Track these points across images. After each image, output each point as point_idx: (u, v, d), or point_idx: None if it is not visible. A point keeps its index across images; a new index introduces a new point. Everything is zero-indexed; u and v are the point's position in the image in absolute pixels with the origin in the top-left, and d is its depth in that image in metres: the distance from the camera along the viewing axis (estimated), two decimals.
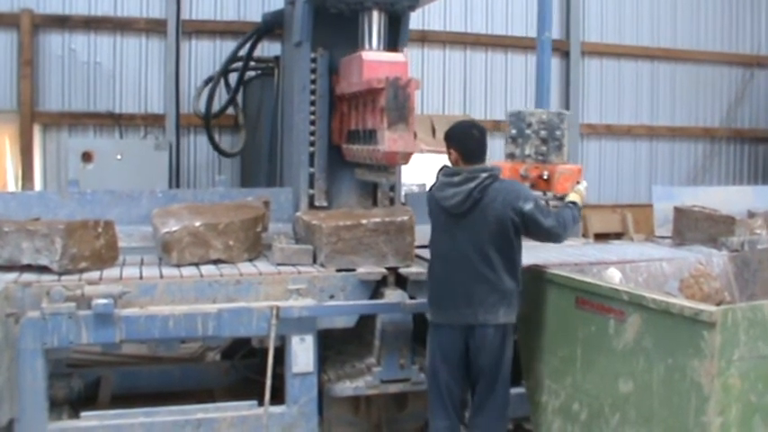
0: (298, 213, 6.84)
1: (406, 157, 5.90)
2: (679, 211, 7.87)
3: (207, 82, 10.46)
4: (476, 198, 4.93)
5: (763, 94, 14.64)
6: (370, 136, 6.22)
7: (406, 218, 6.08)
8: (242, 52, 9.95)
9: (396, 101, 5.76)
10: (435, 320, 5.19)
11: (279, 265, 6.04)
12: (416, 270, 5.99)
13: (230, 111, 10.56)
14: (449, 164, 5.22)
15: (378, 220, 6.04)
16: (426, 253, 6.23)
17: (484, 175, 4.96)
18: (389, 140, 5.76)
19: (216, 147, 10.47)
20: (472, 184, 4.93)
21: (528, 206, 4.92)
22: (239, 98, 10.55)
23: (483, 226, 4.94)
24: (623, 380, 4.41)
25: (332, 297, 5.81)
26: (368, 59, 6.26)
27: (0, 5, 10.59)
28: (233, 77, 10.26)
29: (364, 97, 6.31)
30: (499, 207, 4.92)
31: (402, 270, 6.01)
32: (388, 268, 5.99)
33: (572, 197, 5.40)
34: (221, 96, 10.38)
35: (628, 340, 4.37)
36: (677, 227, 7.79)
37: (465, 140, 5.13)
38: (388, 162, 5.93)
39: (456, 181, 5.00)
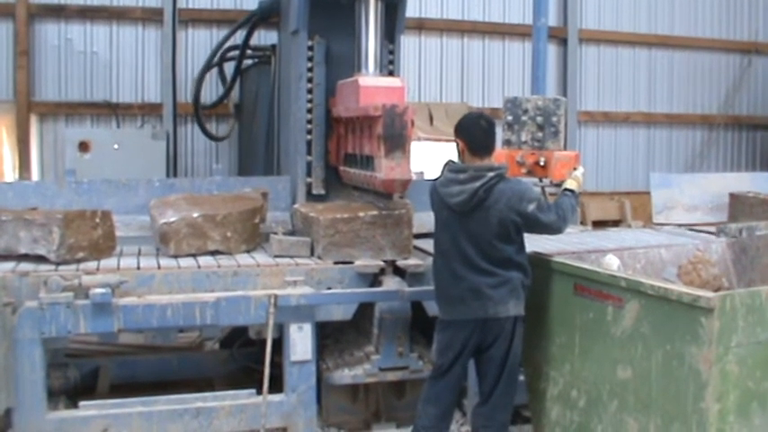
0: (295, 205, 6.83)
1: (403, 185, 5.86)
2: (734, 197, 7.91)
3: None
4: (481, 198, 4.86)
5: (761, 80, 14.62)
6: (367, 162, 6.21)
7: (403, 211, 6.07)
8: (237, 41, 9.96)
9: (392, 129, 5.72)
10: (445, 317, 5.12)
11: (276, 256, 6.03)
12: (414, 262, 5.98)
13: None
14: (454, 159, 5.18)
15: (375, 212, 6.03)
16: (424, 244, 6.24)
17: (490, 174, 4.88)
18: (387, 168, 5.73)
19: (204, 130, 10.50)
20: (478, 183, 4.85)
21: (530, 207, 4.87)
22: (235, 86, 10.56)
23: (485, 225, 4.89)
24: (621, 366, 4.41)
25: (329, 289, 5.80)
26: (364, 85, 6.25)
27: None
28: (229, 66, 10.27)
29: (361, 123, 6.29)
30: (503, 208, 4.86)
31: (400, 262, 6.00)
32: (385, 261, 5.98)
33: (569, 184, 5.35)
34: (216, 84, 10.41)
35: (626, 327, 4.37)
36: (732, 212, 7.82)
37: (472, 131, 5.05)
38: (386, 190, 5.90)
39: (462, 178, 4.92)
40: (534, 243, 5.81)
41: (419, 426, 5.17)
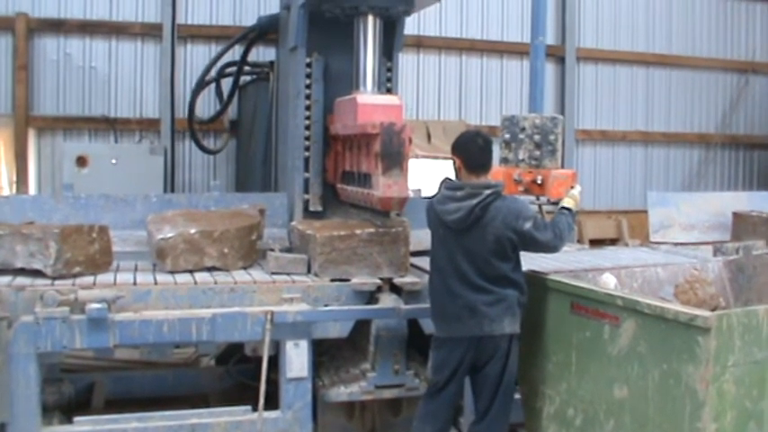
0: (293, 222, 6.82)
1: (400, 203, 5.85)
2: (737, 216, 7.93)
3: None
4: (477, 215, 4.91)
5: (758, 99, 14.65)
6: (364, 179, 6.20)
7: (400, 229, 6.06)
8: (234, 57, 9.99)
9: (390, 146, 5.70)
10: (440, 335, 5.15)
11: (273, 273, 6.02)
12: (411, 280, 5.97)
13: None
14: (451, 176, 5.21)
15: (372, 230, 6.01)
16: (421, 262, 6.23)
17: (487, 192, 4.93)
18: (384, 186, 5.71)
19: (197, 142, 10.50)
20: (474, 201, 4.90)
21: (526, 225, 4.91)
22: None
23: (482, 243, 4.93)
24: (618, 385, 4.40)
25: (326, 307, 5.79)
26: (362, 103, 6.24)
27: None
28: (226, 82, 10.31)
29: (359, 140, 6.28)
30: (499, 226, 4.90)
31: (396, 280, 5.98)
32: (382, 279, 5.97)
33: (566, 203, 5.37)
34: (214, 99, 10.44)
35: (622, 345, 4.36)
36: (735, 231, 7.83)
37: (469, 149, 5.12)
38: (383, 207, 5.90)
39: (459, 196, 4.97)
40: (531, 261, 5.82)
41: None
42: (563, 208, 5.30)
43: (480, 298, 4.92)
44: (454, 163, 5.17)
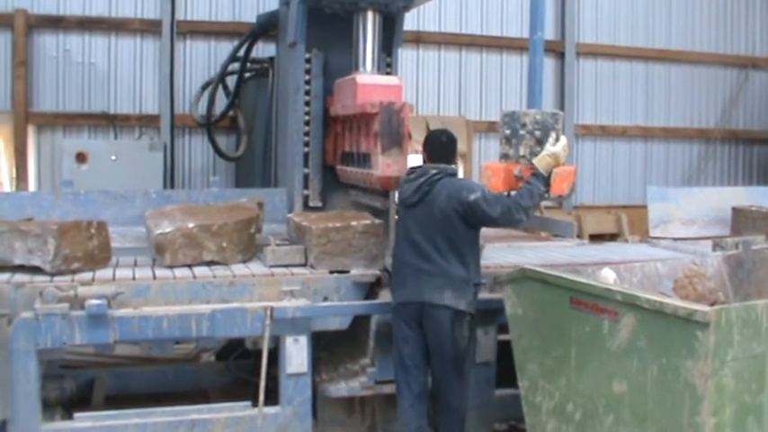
0: (289, 215, 6.82)
1: (399, 182, 5.91)
2: (737, 211, 7.95)
3: (204, 88, 10.50)
4: (425, 191, 5.34)
5: (758, 95, 14.63)
6: (364, 159, 6.25)
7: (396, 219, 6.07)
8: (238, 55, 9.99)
9: (390, 126, 5.82)
10: (393, 300, 5.50)
11: (272, 266, 6.01)
12: None
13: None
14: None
15: (368, 222, 6.03)
16: None
17: (433, 171, 5.40)
18: (383, 165, 5.82)
19: (218, 150, 10.49)
20: (422, 179, 5.37)
21: (472, 197, 5.22)
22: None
23: (430, 216, 5.31)
24: (617, 380, 4.40)
25: (326, 299, 5.80)
26: (362, 83, 6.30)
27: None
28: (230, 81, 10.29)
29: (358, 121, 6.32)
30: (444, 200, 5.28)
31: None
32: (381, 270, 5.97)
33: (539, 162, 5.48)
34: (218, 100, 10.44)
35: (622, 340, 4.36)
36: (735, 226, 7.85)
37: (432, 144, 5.63)
38: (382, 187, 6.00)
39: (411, 177, 5.47)
40: (531, 255, 5.82)
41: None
42: (533, 173, 5.45)
43: (424, 266, 5.27)
44: (423, 155, 5.62)
